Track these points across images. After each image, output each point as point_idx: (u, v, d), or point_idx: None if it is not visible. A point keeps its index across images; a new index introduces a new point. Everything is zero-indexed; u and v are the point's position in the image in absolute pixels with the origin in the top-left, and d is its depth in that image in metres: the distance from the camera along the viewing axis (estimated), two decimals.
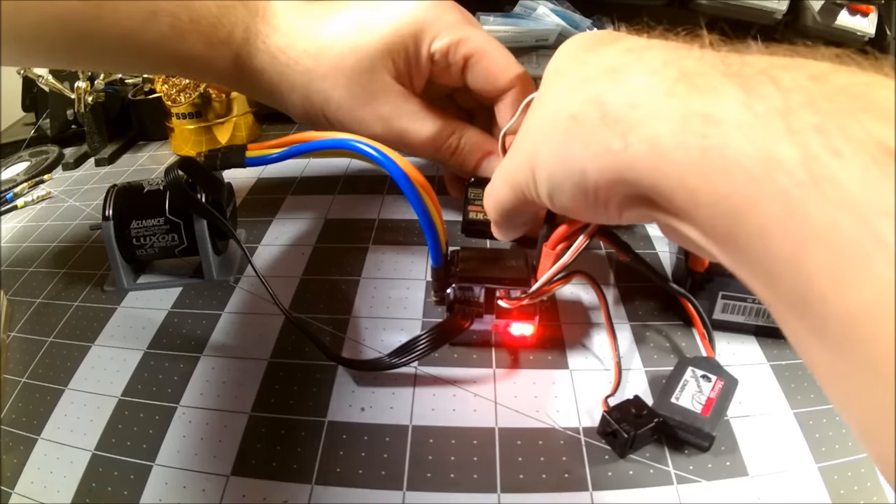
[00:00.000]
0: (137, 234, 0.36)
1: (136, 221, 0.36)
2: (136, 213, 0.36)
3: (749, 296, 0.33)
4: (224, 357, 0.32)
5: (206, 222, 0.36)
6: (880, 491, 0.26)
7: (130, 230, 0.36)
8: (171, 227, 0.37)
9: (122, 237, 0.36)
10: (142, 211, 0.36)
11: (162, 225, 0.37)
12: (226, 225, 0.36)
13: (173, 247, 0.37)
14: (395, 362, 0.30)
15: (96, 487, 0.26)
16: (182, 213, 0.36)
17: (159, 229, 0.37)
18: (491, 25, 0.59)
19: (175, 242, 0.37)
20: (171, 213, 0.36)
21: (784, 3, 0.60)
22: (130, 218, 0.36)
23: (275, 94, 0.35)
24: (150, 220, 0.36)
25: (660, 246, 0.42)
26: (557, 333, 0.34)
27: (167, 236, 0.37)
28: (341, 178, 0.51)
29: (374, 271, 0.39)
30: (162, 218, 0.36)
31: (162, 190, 0.37)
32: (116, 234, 0.36)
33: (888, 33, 0.62)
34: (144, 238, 0.37)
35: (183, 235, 0.37)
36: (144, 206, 0.37)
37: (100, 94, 0.56)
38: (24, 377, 0.31)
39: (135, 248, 0.37)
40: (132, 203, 0.37)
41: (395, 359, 0.30)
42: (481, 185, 0.44)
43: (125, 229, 0.36)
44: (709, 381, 0.28)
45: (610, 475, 0.26)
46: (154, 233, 0.37)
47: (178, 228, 0.37)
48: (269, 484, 0.26)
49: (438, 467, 0.26)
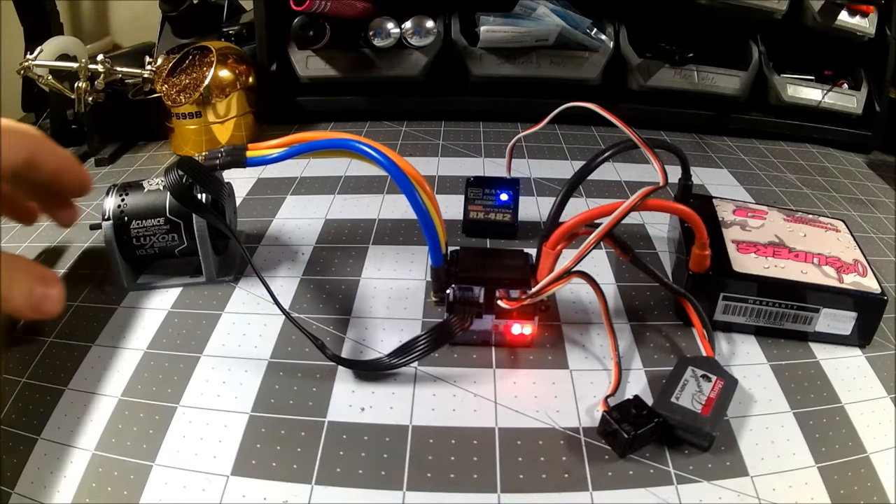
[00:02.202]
0: (137, 235, 0.36)
1: (137, 222, 0.36)
2: (137, 214, 0.36)
3: (750, 297, 0.33)
4: (224, 357, 0.32)
5: (206, 222, 0.36)
6: (880, 491, 0.26)
7: (131, 230, 0.36)
8: (171, 228, 0.37)
9: (122, 237, 0.36)
10: (142, 211, 0.36)
11: (162, 225, 0.36)
12: (225, 225, 0.36)
13: (173, 247, 0.37)
14: (395, 363, 0.30)
15: (96, 487, 0.26)
16: (182, 214, 0.36)
17: (159, 229, 0.36)
18: (491, 25, 0.59)
19: (175, 242, 0.37)
20: (171, 213, 0.36)
21: (784, 3, 0.60)
22: (131, 218, 0.36)
23: None
24: (151, 220, 0.36)
25: (660, 246, 0.42)
26: (557, 333, 0.34)
27: (167, 236, 0.37)
28: (341, 178, 0.51)
29: (374, 271, 0.39)
30: (162, 218, 0.36)
31: (162, 190, 0.37)
32: (116, 234, 0.36)
33: (888, 33, 0.62)
34: (145, 238, 0.37)
35: (183, 235, 0.37)
36: (145, 206, 0.37)
37: (100, 94, 0.56)
38: (24, 377, 0.31)
39: (135, 248, 0.37)
40: (132, 203, 0.37)
41: (395, 359, 0.30)
42: (481, 184, 0.44)
43: (125, 229, 0.36)
44: (709, 381, 0.28)
45: (610, 475, 0.26)
46: (154, 233, 0.36)
47: (179, 228, 0.37)
48: (269, 484, 0.26)
49: (438, 467, 0.26)
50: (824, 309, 0.32)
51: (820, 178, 0.56)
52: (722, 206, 0.39)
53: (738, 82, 0.62)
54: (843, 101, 0.63)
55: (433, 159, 0.55)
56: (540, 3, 0.61)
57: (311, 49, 0.61)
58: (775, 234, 0.36)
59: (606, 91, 0.63)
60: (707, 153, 0.59)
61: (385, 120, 0.64)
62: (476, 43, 0.60)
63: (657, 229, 0.44)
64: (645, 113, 0.63)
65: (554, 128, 0.63)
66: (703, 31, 0.63)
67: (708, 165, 0.57)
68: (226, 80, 0.55)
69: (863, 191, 0.54)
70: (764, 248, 0.34)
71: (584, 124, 0.64)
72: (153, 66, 0.59)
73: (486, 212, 0.42)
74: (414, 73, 0.62)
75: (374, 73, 0.62)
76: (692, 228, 0.31)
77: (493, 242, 0.43)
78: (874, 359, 0.33)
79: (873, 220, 0.49)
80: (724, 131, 0.64)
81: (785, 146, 0.63)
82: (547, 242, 0.30)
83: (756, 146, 0.62)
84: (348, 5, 0.57)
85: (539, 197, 0.49)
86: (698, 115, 0.64)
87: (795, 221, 0.37)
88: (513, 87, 0.63)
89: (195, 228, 0.37)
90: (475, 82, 0.62)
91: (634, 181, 0.52)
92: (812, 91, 0.63)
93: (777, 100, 0.63)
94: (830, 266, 0.33)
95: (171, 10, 0.68)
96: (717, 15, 0.60)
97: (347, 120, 0.64)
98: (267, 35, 0.62)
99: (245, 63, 0.58)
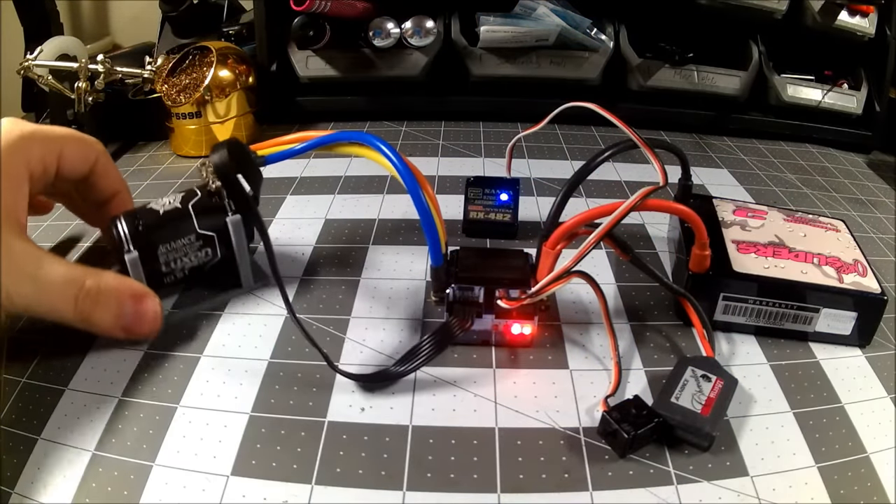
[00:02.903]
0: (167, 260, 0.32)
1: (164, 245, 0.32)
2: (162, 237, 0.32)
3: (750, 297, 0.33)
4: (224, 357, 0.32)
5: (241, 225, 0.33)
6: (880, 491, 0.26)
7: (159, 257, 0.32)
8: (204, 242, 0.33)
9: (150, 268, 0.32)
10: (168, 233, 0.32)
11: (194, 242, 0.33)
12: (263, 227, 0.33)
13: (205, 263, 0.34)
14: (403, 370, 0.30)
15: (96, 487, 0.26)
16: (215, 225, 0.33)
17: (191, 247, 0.33)
18: (491, 25, 0.59)
19: (209, 257, 0.34)
20: (201, 227, 0.33)
21: (784, 3, 0.60)
22: (156, 243, 0.32)
23: None
24: (180, 240, 0.33)
25: (660, 246, 0.42)
26: (557, 333, 0.34)
27: (200, 252, 0.33)
28: (341, 178, 0.51)
29: (374, 271, 0.39)
30: (192, 234, 0.33)
31: (181, 207, 0.33)
32: (144, 265, 0.32)
33: (888, 33, 0.62)
34: (175, 262, 0.33)
35: (217, 247, 0.34)
36: (169, 227, 0.32)
37: (100, 94, 0.56)
38: (24, 377, 0.31)
39: (163, 277, 0.33)
40: (153, 227, 0.32)
41: (402, 367, 0.30)
42: (481, 184, 0.44)
43: (152, 258, 0.32)
44: (709, 381, 0.28)
45: (610, 475, 0.26)
46: (185, 252, 0.33)
47: (212, 241, 0.33)
48: (269, 484, 0.26)
49: (438, 467, 0.26)
50: (824, 309, 0.32)
51: (820, 178, 0.56)
52: (722, 206, 0.39)
53: (738, 82, 0.62)
54: (843, 101, 0.63)
55: (433, 159, 0.55)
56: (540, 3, 0.61)
57: (311, 49, 0.61)
58: (775, 234, 0.36)
59: (606, 91, 0.63)
60: (707, 153, 0.59)
61: (385, 120, 0.64)
62: (476, 43, 0.60)
63: (657, 229, 0.44)
64: (645, 113, 0.63)
65: (554, 128, 0.63)
66: (703, 31, 0.63)
67: (708, 165, 0.57)
68: (226, 80, 0.56)
69: (863, 191, 0.54)
70: (764, 248, 0.34)
71: (584, 124, 0.64)
72: (153, 66, 0.59)
73: (486, 212, 0.42)
74: (414, 73, 0.62)
75: (374, 73, 0.62)
76: (692, 228, 0.31)
77: (493, 242, 0.43)
78: (874, 359, 0.33)
79: (873, 220, 0.49)
80: (724, 131, 0.64)
81: (785, 146, 0.63)
82: (547, 242, 0.30)
83: (756, 146, 0.63)
84: (348, 5, 0.57)
85: (539, 197, 0.49)
86: (698, 115, 0.64)
87: (795, 221, 0.37)
88: (513, 87, 0.63)
89: (231, 234, 0.33)
90: (475, 82, 0.62)
91: (634, 181, 0.52)
92: (812, 91, 0.63)
93: (777, 100, 0.63)
94: (830, 266, 0.33)
95: (171, 10, 0.68)
96: (717, 15, 0.60)
97: (347, 120, 0.64)
98: (267, 35, 0.62)
99: (245, 63, 0.58)
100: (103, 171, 0.35)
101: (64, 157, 0.32)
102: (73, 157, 0.33)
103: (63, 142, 0.32)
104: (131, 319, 0.30)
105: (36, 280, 0.28)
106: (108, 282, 0.29)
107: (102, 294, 0.29)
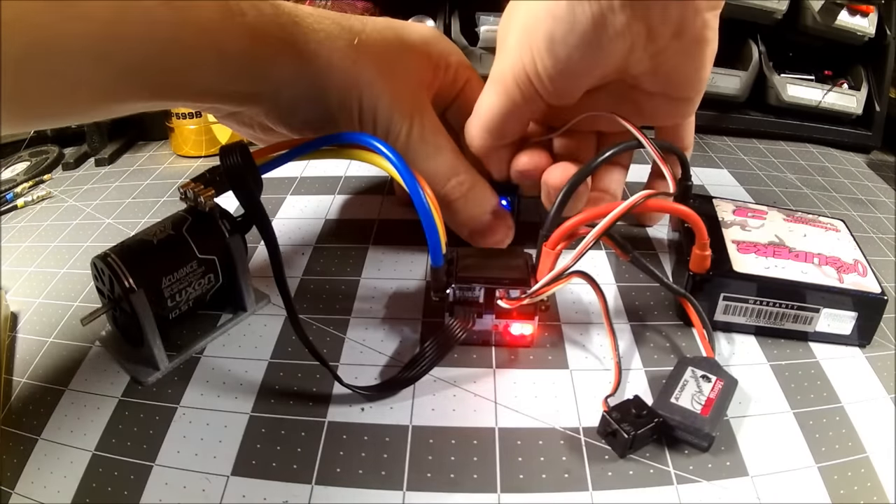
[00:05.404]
0: (171, 293, 0.30)
1: (167, 277, 0.30)
2: (164, 269, 0.30)
3: (750, 297, 0.33)
4: (224, 357, 0.32)
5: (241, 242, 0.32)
6: (880, 491, 0.26)
7: (163, 290, 0.30)
8: (206, 268, 0.31)
9: (156, 304, 0.30)
10: (169, 263, 0.30)
11: (196, 269, 0.31)
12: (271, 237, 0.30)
13: (207, 291, 0.32)
14: (410, 376, 0.30)
15: (96, 487, 0.26)
16: (215, 248, 0.32)
17: (194, 275, 0.31)
18: (491, 25, 0.59)
19: (211, 283, 0.32)
20: (201, 252, 0.31)
21: (784, 3, 0.60)
22: (159, 276, 0.29)
23: (313, 80, 0.32)
24: (182, 269, 0.30)
25: (660, 246, 0.42)
26: (557, 333, 0.34)
27: (203, 279, 0.31)
28: (341, 179, 0.51)
29: (374, 271, 0.39)
30: (194, 262, 0.31)
31: (174, 234, 0.31)
32: (151, 301, 0.29)
33: (888, 33, 0.62)
34: (179, 293, 0.30)
35: (218, 272, 0.32)
36: (168, 257, 0.30)
37: None
38: (24, 377, 0.31)
39: (169, 312, 0.31)
40: (151, 259, 0.30)
41: (408, 373, 0.30)
42: None
43: (156, 292, 0.30)
44: (709, 381, 0.28)
45: (610, 475, 0.26)
46: (189, 281, 0.31)
47: (213, 265, 0.31)
48: (269, 484, 0.26)
49: (438, 467, 0.26)
50: (824, 309, 0.32)
51: (820, 178, 0.56)
52: (722, 206, 0.39)
53: (737, 82, 0.62)
54: (843, 101, 0.63)
55: None
56: None
57: None
58: (775, 234, 0.36)
59: None
60: (707, 153, 0.59)
61: None
62: (476, 43, 0.60)
63: (657, 230, 0.44)
64: None
65: None
66: None
67: (708, 165, 0.57)
68: None
69: (863, 191, 0.54)
70: (764, 248, 0.34)
71: None
72: None
73: None
74: None
75: None
76: (692, 229, 0.31)
77: None
78: (874, 359, 0.33)
79: (873, 220, 0.49)
80: (724, 131, 0.64)
81: (785, 146, 0.63)
82: (547, 242, 0.30)
83: (756, 146, 0.63)
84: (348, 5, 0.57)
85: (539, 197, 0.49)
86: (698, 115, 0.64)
87: (795, 221, 0.37)
88: None
89: (233, 255, 0.32)
90: None
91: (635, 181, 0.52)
92: (812, 91, 0.63)
93: (777, 100, 0.63)
94: (830, 266, 0.33)
95: None
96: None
97: None
98: None
99: None
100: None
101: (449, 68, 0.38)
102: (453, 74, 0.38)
103: (458, 64, 0.38)
104: (483, 229, 0.36)
105: (439, 149, 0.34)
106: (479, 189, 0.36)
107: (465, 195, 0.35)
